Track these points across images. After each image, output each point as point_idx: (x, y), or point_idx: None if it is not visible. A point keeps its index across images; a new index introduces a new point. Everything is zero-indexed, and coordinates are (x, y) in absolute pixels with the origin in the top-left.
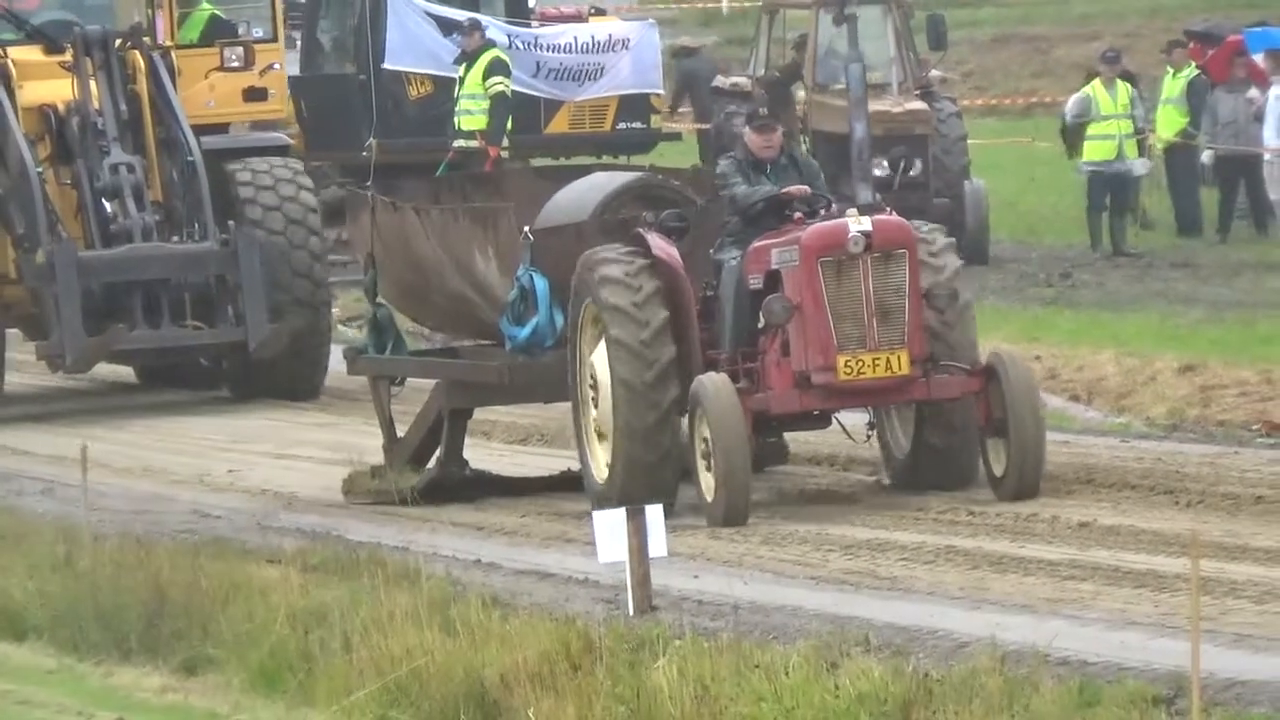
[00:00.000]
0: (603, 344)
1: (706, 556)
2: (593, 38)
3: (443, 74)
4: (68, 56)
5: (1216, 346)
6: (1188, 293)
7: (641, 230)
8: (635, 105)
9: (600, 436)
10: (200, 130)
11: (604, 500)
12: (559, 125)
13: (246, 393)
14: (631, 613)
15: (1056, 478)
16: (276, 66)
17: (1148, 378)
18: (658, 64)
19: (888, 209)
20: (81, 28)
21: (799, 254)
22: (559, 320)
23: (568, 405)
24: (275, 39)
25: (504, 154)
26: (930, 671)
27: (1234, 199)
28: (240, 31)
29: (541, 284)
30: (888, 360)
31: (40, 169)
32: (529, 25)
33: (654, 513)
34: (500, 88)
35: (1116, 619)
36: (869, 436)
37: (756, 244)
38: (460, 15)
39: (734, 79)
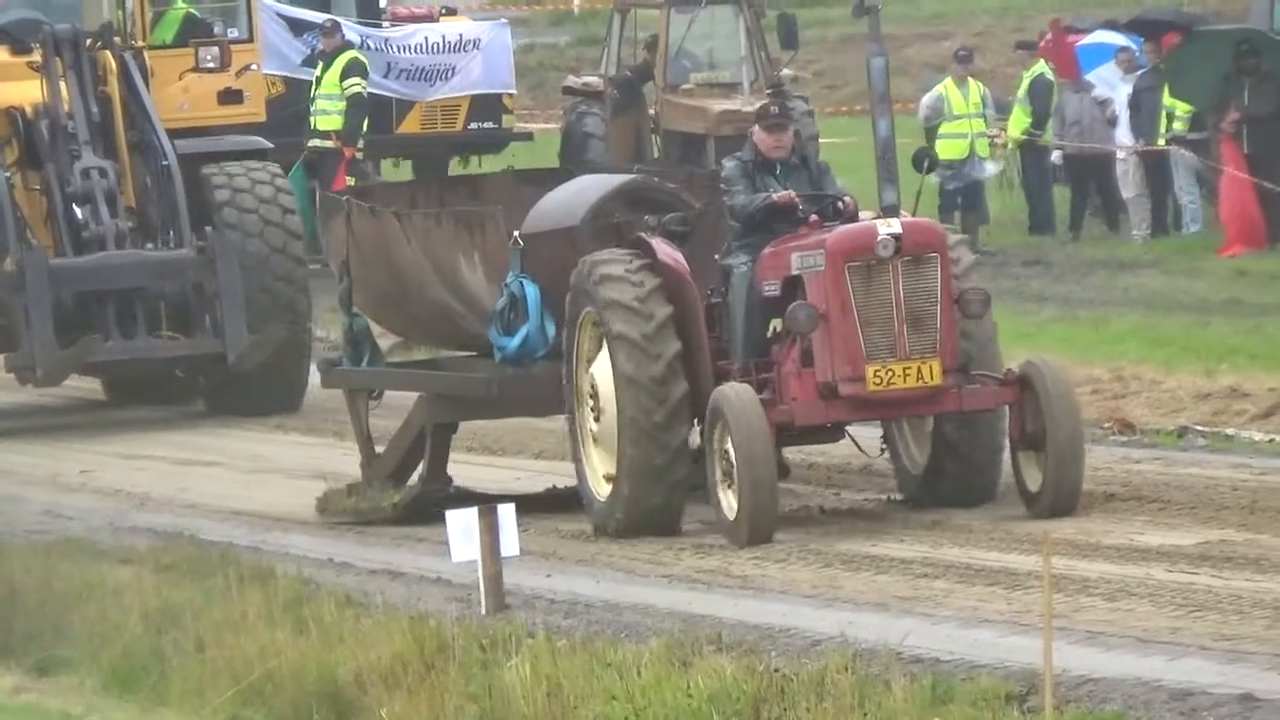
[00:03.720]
0: (603, 354)
1: (559, 555)
2: (444, 38)
3: (293, 75)
4: (36, 56)
5: (1068, 345)
6: (1040, 291)
7: (644, 235)
8: (487, 105)
9: (601, 454)
10: (175, 134)
11: (606, 516)
12: (411, 125)
13: (223, 407)
14: (484, 612)
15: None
16: (254, 68)
17: None
18: (510, 64)
19: (905, 211)
20: (50, 27)
21: (824, 258)
22: (550, 329)
23: (558, 419)
24: (251, 39)
25: (358, 155)
26: (782, 670)
27: (1085, 198)
28: (215, 31)
29: (532, 291)
30: (919, 370)
31: (8, 174)
32: (380, 26)
33: (506, 511)
34: (357, 89)
35: (969, 617)
36: (882, 450)
37: (771, 248)
38: (314, 16)
39: (585, 78)
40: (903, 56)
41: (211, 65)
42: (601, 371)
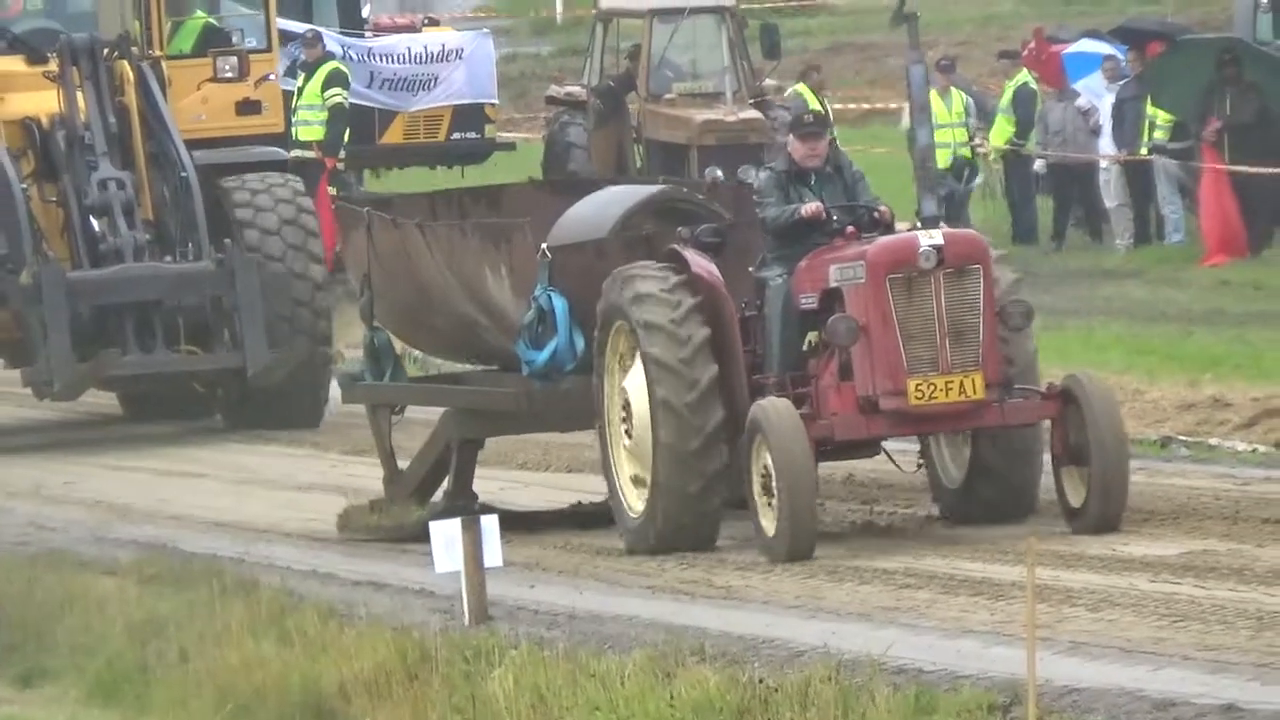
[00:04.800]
0: (636, 368)
1: (542, 566)
2: (426, 48)
3: None
4: (52, 67)
5: (1052, 354)
6: None
7: (677, 246)
8: (470, 115)
9: (634, 468)
10: (192, 144)
11: (640, 538)
12: (394, 136)
13: (242, 422)
14: (467, 623)
15: (892, 485)
16: (271, 77)
17: None
18: (492, 74)
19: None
20: (67, 36)
21: (865, 270)
22: (579, 343)
23: (581, 433)
24: (269, 49)
25: (339, 165)
26: (766, 680)
27: (1069, 207)
28: (234, 41)
29: (560, 304)
30: (961, 384)
31: (24, 185)
32: (363, 36)
33: (489, 523)
34: (338, 99)
35: (952, 627)
36: (919, 465)
37: (808, 260)
38: (296, 27)
39: (568, 88)
40: (885, 66)
41: (230, 75)
42: (634, 386)
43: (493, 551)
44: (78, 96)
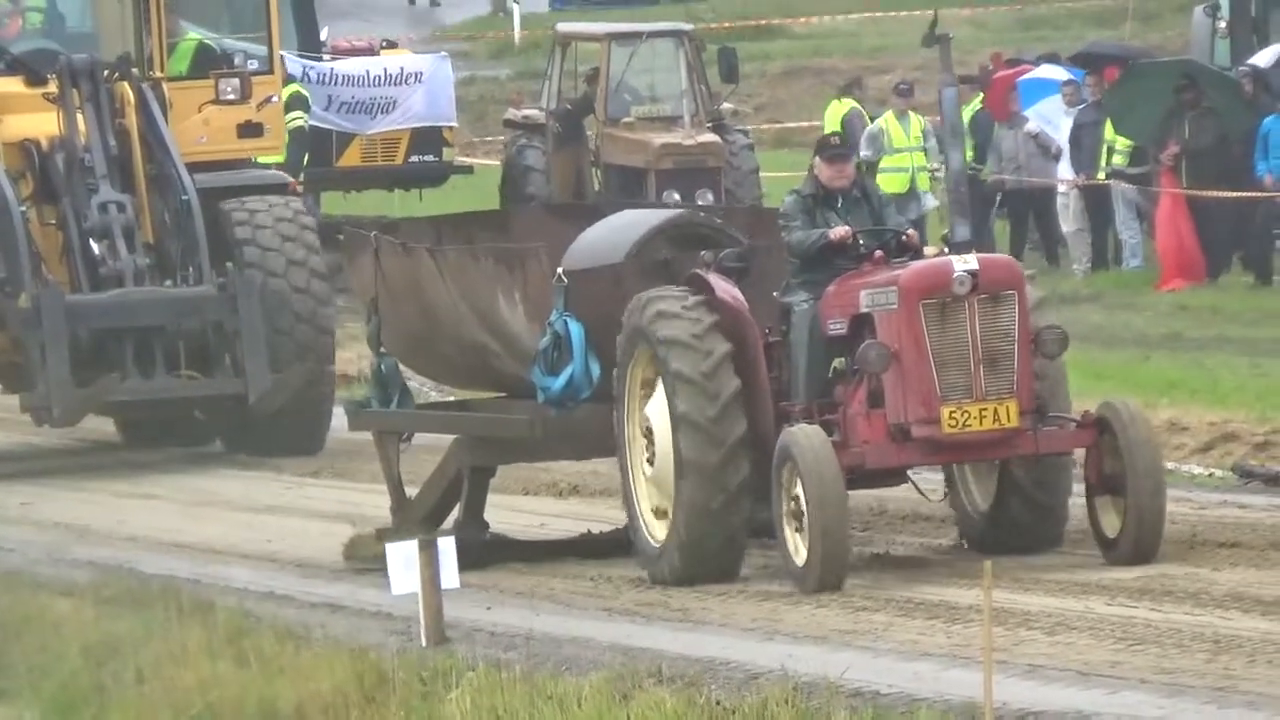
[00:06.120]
0: (657, 394)
1: (499, 588)
2: (385, 70)
3: None
4: (52, 88)
5: None
6: None
7: (700, 271)
8: (428, 138)
9: (655, 497)
10: (193, 167)
11: (662, 564)
12: (351, 158)
13: (243, 448)
14: (424, 644)
15: (850, 509)
16: (274, 99)
17: None
18: (451, 97)
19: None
20: (67, 57)
21: (898, 296)
22: (595, 369)
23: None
24: (271, 70)
25: (298, 188)
26: (723, 702)
27: (1025, 231)
28: (236, 62)
29: (577, 330)
30: (995, 411)
31: (23, 208)
32: (321, 58)
33: (446, 544)
34: (299, 122)
35: (909, 650)
36: (946, 494)
37: (837, 285)
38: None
39: (526, 111)
40: None
41: (232, 97)
42: (656, 412)
43: (449, 573)
44: (78, 118)
